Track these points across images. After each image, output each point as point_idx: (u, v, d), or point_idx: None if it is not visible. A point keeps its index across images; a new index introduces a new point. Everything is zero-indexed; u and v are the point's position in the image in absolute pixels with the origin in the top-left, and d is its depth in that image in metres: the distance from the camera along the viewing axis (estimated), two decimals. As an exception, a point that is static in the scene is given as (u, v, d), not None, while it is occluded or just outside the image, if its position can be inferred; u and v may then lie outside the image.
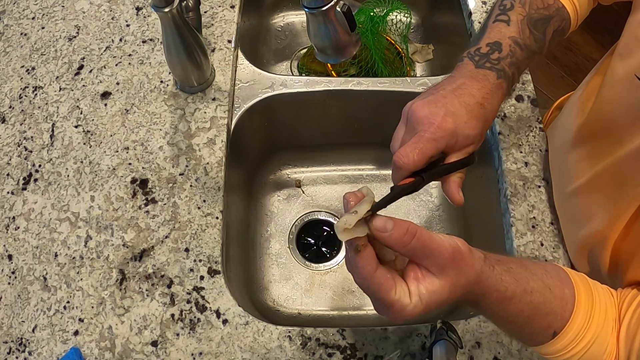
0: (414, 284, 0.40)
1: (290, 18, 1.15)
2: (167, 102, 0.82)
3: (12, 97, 0.84)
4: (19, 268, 0.72)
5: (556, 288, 0.48)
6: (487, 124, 0.52)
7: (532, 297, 0.46)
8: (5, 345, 0.67)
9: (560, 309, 0.48)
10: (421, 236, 0.39)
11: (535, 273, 0.48)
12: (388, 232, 0.39)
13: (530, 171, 0.76)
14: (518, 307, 0.46)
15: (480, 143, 0.52)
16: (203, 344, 0.66)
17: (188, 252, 0.71)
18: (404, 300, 0.40)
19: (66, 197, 0.75)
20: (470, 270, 0.42)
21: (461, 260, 0.41)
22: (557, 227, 0.73)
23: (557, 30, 0.59)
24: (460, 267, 0.41)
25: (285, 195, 0.98)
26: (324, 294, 0.89)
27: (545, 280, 0.48)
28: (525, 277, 0.47)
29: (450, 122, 0.49)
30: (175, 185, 0.76)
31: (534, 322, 0.47)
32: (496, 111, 0.53)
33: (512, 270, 0.46)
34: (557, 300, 0.48)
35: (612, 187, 0.58)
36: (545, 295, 0.47)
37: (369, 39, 0.96)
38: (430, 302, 0.40)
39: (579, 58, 1.86)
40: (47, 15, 0.91)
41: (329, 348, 0.66)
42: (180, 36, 0.71)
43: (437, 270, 0.40)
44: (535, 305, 0.46)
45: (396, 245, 0.39)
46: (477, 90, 0.52)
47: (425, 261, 0.40)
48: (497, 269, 0.44)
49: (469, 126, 0.49)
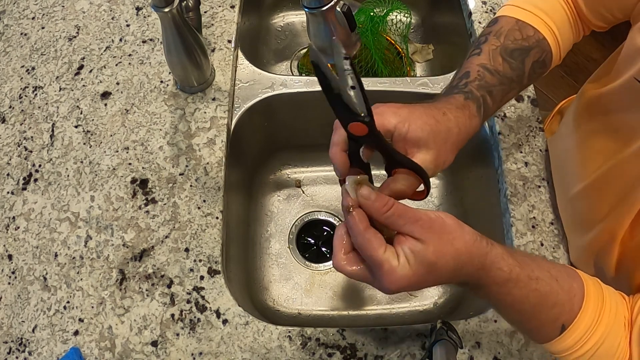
0: (399, 246, 0.43)
1: (290, 18, 1.15)
2: (167, 102, 0.82)
3: (12, 97, 0.84)
4: (19, 268, 0.72)
5: (563, 280, 0.48)
6: (448, 133, 0.50)
7: (537, 284, 0.46)
8: (5, 345, 0.67)
9: (568, 302, 0.47)
10: (398, 207, 0.43)
11: (541, 264, 0.48)
12: (370, 200, 0.43)
13: (530, 171, 0.76)
14: (523, 293, 0.46)
15: (437, 160, 0.49)
16: (203, 344, 0.66)
17: (188, 252, 0.71)
18: (393, 261, 0.42)
19: (66, 197, 0.75)
20: (457, 240, 0.43)
21: (443, 228, 0.43)
22: (557, 227, 0.73)
23: (538, 62, 0.59)
24: (443, 234, 0.43)
25: (285, 195, 0.98)
26: (324, 294, 0.89)
27: (552, 272, 0.48)
28: (530, 265, 0.47)
29: (392, 109, 0.49)
30: (175, 185, 0.76)
31: (542, 312, 0.47)
32: (465, 130, 0.52)
33: (516, 254, 0.46)
34: (564, 292, 0.47)
35: (618, 186, 0.58)
36: (551, 285, 0.47)
37: (369, 39, 0.96)
38: (417, 264, 0.42)
39: (579, 58, 1.86)
40: (47, 15, 0.91)
41: (329, 348, 0.66)
42: (180, 36, 0.71)
43: (418, 236, 0.43)
44: (541, 294, 0.46)
45: (375, 213, 0.43)
46: (442, 104, 0.53)
47: (404, 229, 0.43)
48: (498, 249, 0.45)
49: (422, 120, 0.49)
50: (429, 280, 0.43)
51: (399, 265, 0.42)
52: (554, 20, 0.61)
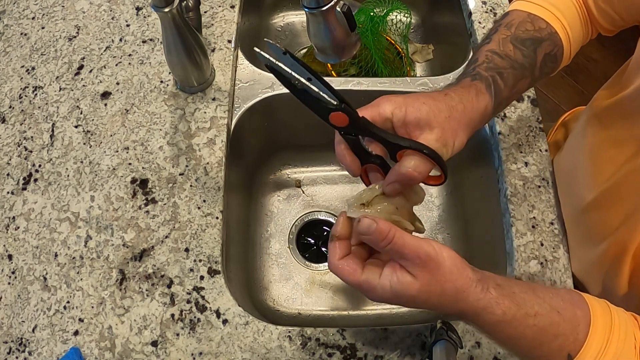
0: (389, 270, 0.45)
1: (290, 18, 1.15)
2: (167, 102, 0.82)
3: (12, 97, 0.84)
4: (19, 268, 0.72)
5: (565, 310, 0.47)
6: (451, 110, 0.49)
7: (535, 320, 0.46)
8: (5, 345, 0.67)
9: (572, 331, 0.47)
10: (397, 241, 0.43)
11: (542, 297, 0.47)
12: (369, 234, 0.44)
13: (530, 171, 0.76)
14: (519, 330, 0.46)
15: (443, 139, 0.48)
16: (203, 344, 0.66)
17: (188, 252, 0.71)
18: (372, 281, 0.45)
19: (66, 197, 0.75)
20: (448, 284, 0.44)
21: (437, 269, 0.44)
22: (557, 227, 0.73)
23: (549, 55, 0.58)
24: (434, 276, 0.44)
25: (285, 195, 0.98)
26: (324, 294, 0.89)
27: (554, 303, 0.47)
28: (529, 300, 0.46)
29: (387, 98, 0.48)
30: (175, 185, 0.76)
31: (543, 345, 0.46)
32: (472, 107, 0.50)
33: (514, 294, 0.46)
34: (566, 322, 0.47)
35: (631, 196, 0.57)
36: (552, 318, 0.46)
37: (369, 39, 0.96)
38: (398, 292, 0.44)
39: (579, 58, 1.85)
40: (47, 15, 0.91)
41: (329, 348, 0.66)
42: (180, 36, 0.71)
43: (411, 270, 0.44)
44: (540, 328, 0.46)
45: (375, 245, 0.45)
46: (446, 88, 0.52)
47: (401, 261, 0.44)
48: (492, 293, 0.45)
49: (420, 101, 0.48)
50: (408, 304, 0.46)
51: (378, 285, 0.44)
52: (565, 16, 0.60)
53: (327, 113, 0.46)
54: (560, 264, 0.70)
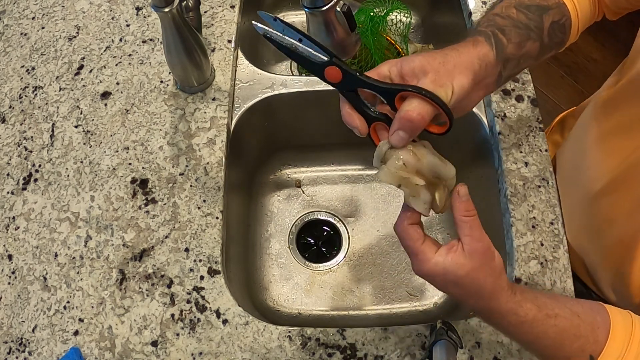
0: (446, 249, 0.47)
1: (290, 18, 1.15)
2: (167, 102, 0.82)
3: (12, 97, 0.84)
4: (19, 268, 0.72)
5: (585, 315, 0.49)
6: (446, 57, 0.49)
7: (556, 320, 0.48)
8: (5, 345, 0.67)
9: (592, 332, 0.48)
10: (476, 219, 0.47)
11: (562, 302, 0.50)
12: (461, 200, 0.47)
13: (530, 171, 0.76)
14: (541, 330, 0.48)
15: (439, 80, 0.47)
16: (203, 344, 0.66)
17: (188, 252, 0.71)
18: (429, 254, 0.47)
19: (66, 197, 0.75)
20: (489, 278, 0.47)
21: (490, 260, 0.47)
22: (557, 227, 0.73)
23: (557, 23, 0.57)
24: (485, 263, 0.46)
25: (285, 195, 0.98)
26: (324, 294, 0.89)
27: (574, 308, 0.49)
28: (550, 304, 0.49)
29: (384, 62, 0.50)
30: (175, 185, 0.76)
31: (564, 345, 0.48)
32: (469, 55, 0.50)
33: (536, 298, 0.49)
34: (586, 325, 0.48)
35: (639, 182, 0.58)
36: (572, 320, 0.48)
37: (369, 39, 0.96)
38: (448, 270, 0.46)
39: (579, 58, 1.86)
40: (47, 15, 0.91)
41: (329, 348, 0.66)
42: (180, 36, 0.71)
43: (468, 249, 0.46)
44: (561, 329, 0.48)
45: (456, 211, 0.47)
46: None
47: (463, 236, 0.47)
48: (518, 297, 0.48)
49: (414, 56, 0.48)
50: (447, 286, 0.48)
51: (432, 259, 0.47)
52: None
53: (321, 70, 0.48)
54: (560, 264, 0.70)
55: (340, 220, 0.95)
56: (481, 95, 0.52)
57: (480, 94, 0.52)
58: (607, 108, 0.66)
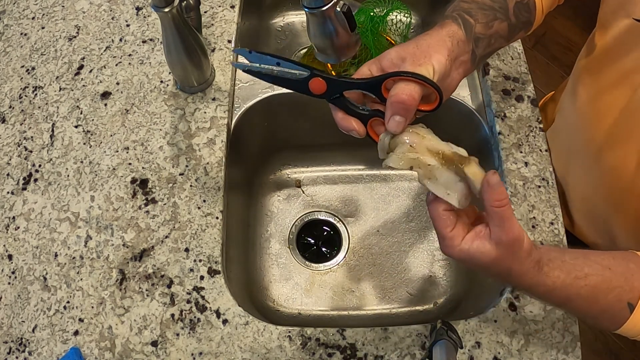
0: (473, 236, 0.47)
1: (290, 18, 1.15)
2: (167, 102, 0.82)
3: (12, 97, 0.84)
4: (19, 268, 0.72)
5: (617, 266, 0.50)
6: (418, 40, 0.51)
7: (586, 280, 0.49)
8: (5, 345, 0.67)
9: (626, 282, 0.49)
10: (508, 209, 0.46)
11: (592, 259, 0.50)
12: (492, 188, 0.46)
13: (530, 171, 0.76)
14: (572, 292, 0.49)
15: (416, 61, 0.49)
16: (203, 344, 0.66)
17: (188, 252, 0.71)
18: (456, 240, 0.47)
19: (66, 197, 0.75)
20: (518, 265, 0.47)
21: (518, 249, 0.46)
22: (557, 227, 0.73)
23: (521, 3, 0.59)
24: (512, 253, 0.46)
25: (285, 195, 0.98)
26: (324, 294, 0.89)
27: (605, 262, 0.50)
28: (579, 265, 0.50)
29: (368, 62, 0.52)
30: (175, 185, 0.76)
31: (599, 300, 0.49)
32: (439, 35, 0.52)
33: (564, 263, 0.49)
34: (619, 275, 0.49)
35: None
36: (603, 275, 0.49)
37: (369, 39, 0.96)
38: (473, 256, 0.47)
39: (579, 58, 1.86)
40: (47, 15, 0.91)
41: (329, 348, 0.66)
42: (180, 36, 0.71)
43: (495, 238, 0.46)
44: (592, 286, 0.49)
45: (487, 200, 0.46)
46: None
47: (493, 226, 0.46)
48: (544, 269, 0.48)
49: (390, 49, 0.51)
50: (475, 268, 0.49)
51: (458, 246, 0.47)
52: None
53: (305, 85, 0.50)
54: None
55: (340, 220, 0.95)
56: (461, 73, 0.53)
57: (460, 71, 0.53)
58: (591, 72, 0.68)
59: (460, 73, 0.53)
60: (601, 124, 0.66)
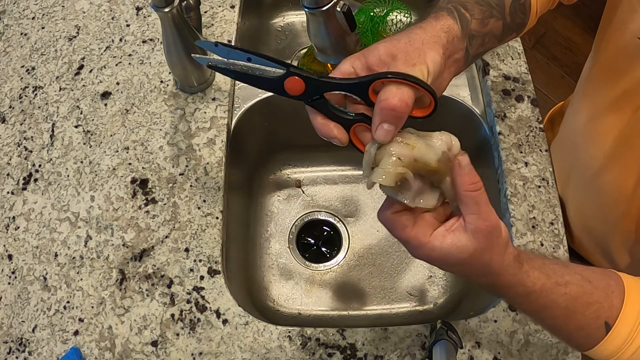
0: (443, 231, 0.43)
1: (290, 18, 1.15)
2: (167, 102, 0.82)
3: (12, 97, 0.84)
4: (19, 268, 0.72)
5: (598, 280, 0.47)
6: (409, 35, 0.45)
7: (567, 288, 0.45)
8: (5, 345, 0.67)
9: (606, 298, 0.46)
10: (483, 193, 0.42)
11: (572, 268, 0.47)
12: (464, 171, 0.42)
13: (530, 171, 0.76)
14: (550, 299, 0.45)
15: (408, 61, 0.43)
16: (203, 344, 0.66)
17: (188, 252, 0.71)
18: (422, 238, 0.43)
19: (66, 197, 0.75)
20: (498, 256, 0.43)
21: (497, 238, 0.42)
22: (557, 227, 0.73)
23: (518, 2, 0.55)
24: (491, 244, 0.42)
25: (285, 195, 0.98)
26: (324, 294, 0.89)
27: (585, 274, 0.47)
28: (560, 271, 0.46)
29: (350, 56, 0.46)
30: (175, 185, 0.76)
31: (576, 313, 0.46)
32: (433, 29, 0.47)
33: (544, 265, 0.46)
34: (599, 290, 0.46)
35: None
36: (583, 287, 0.46)
37: (369, 39, 0.96)
38: (447, 253, 0.42)
39: (579, 58, 1.86)
40: (47, 15, 0.91)
41: (329, 348, 0.66)
42: (180, 36, 0.71)
43: (471, 229, 0.42)
44: (572, 296, 0.45)
45: (460, 185, 0.42)
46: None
47: (468, 214, 0.42)
48: (525, 267, 0.45)
49: (377, 43, 0.45)
50: (450, 267, 0.44)
51: (427, 244, 0.43)
52: None
53: (280, 84, 0.43)
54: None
55: (340, 220, 0.95)
56: (452, 72, 0.49)
57: (452, 70, 0.49)
58: (592, 90, 0.67)
59: (451, 72, 0.49)
60: (600, 144, 0.65)
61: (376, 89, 0.42)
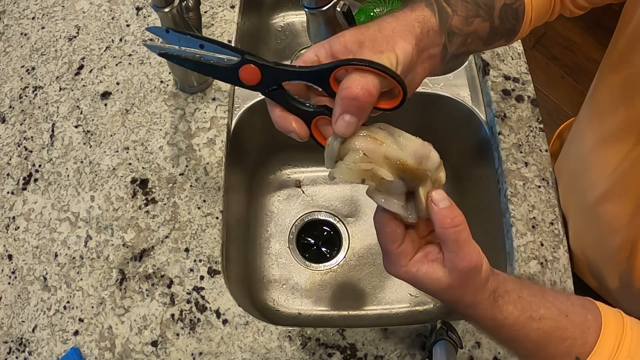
0: (421, 257, 0.42)
1: (290, 18, 1.15)
2: (167, 102, 0.82)
3: (12, 97, 0.84)
4: (19, 268, 0.72)
5: (575, 315, 0.46)
6: (380, 24, 0.43)
7: (540, 323, 0.44)
8: (5, 345, 0.67)
9: (581, 334, 0.45)
10: (464, 230, 0.40)
11: (550, 300, 0.46)
12: (440, 207, 0.40)
13: (530, 171, 0.76)
14: (522, 333, 0.45)
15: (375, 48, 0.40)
16: (203, 344, 0.66)
17: (188, 252, 0.71)
18: (402, 259, 0.42)
19: (66, 197, 0.75)
20: (471, 296, 0.43)
21: (474, 279, 0.42)
22: (557, 227, 0.73)
23: (510, 6, 0.53)
24: (466, 283, 0.42)
25: (285, 195, 0.98)
26: (324, 294, 0.89)
27: (563, 307, 0.46)
28: (536, 304, 0.45)
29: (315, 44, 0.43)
30: (175, 185, 0.76)
31: (548, 347, 0.45)
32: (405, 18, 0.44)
33: (520, 299, 0.45)
34: (575, 326, 0.45)
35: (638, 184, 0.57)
36: (559, 322, 0.45)
37: (369, 39, 0.96)
38: (420, 281, 0.42)
39: (579, 58, 1.86)
40: (47, 15, 0.91)
41: (329, 348, 0.66)
42: (180, 36, 0.71)
43: (450, 266, 0.41)
44: (545, 331, 0.45)
45: (438, 222, 0.40)
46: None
47: (447, 252, 0.41)
48: (499, 302, 0.44)
49: (345, 30, 0.42)
50: (419, 289, 0.44)
51: (404, 267, 0.42)
52: None
53: (235, 73, 0.40)
54: (560, 264, 0.70)
55: (340, 220, 0.95)
56: (426, 68, 0.46)
57: (426, 66, 0.46)
58: (597, 116, 0.65)
59: (425, 68, 0.46)
60: (601, 172, 0.64)
61: (338, 77, 0.39)
